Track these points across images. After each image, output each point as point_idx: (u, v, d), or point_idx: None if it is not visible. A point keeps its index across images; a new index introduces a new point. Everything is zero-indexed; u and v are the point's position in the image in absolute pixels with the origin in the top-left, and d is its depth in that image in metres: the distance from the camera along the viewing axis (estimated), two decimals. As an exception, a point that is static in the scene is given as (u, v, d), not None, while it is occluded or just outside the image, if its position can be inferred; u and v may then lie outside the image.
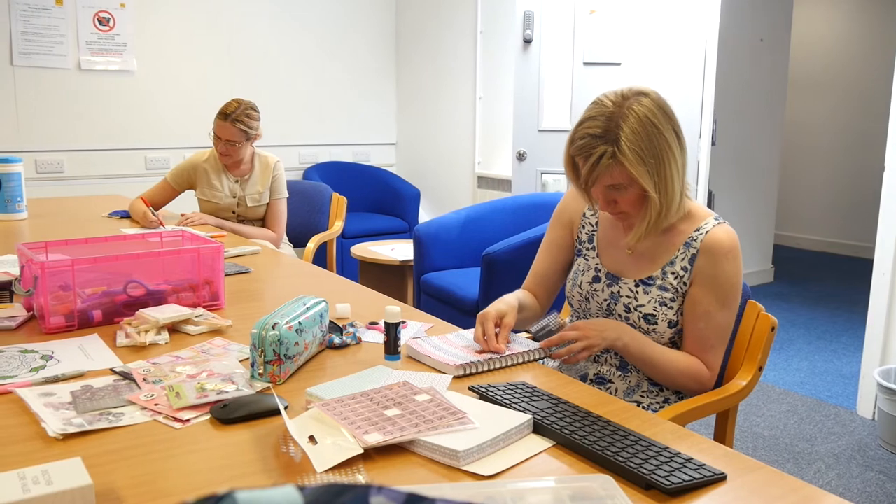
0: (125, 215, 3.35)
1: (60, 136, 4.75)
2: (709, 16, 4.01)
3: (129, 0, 4.86)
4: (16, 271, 2.04)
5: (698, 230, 1.66)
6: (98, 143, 4.87)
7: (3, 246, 2.67)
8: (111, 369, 1.45)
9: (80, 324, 1.71)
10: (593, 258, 1.81)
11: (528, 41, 4.33)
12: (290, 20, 5.47)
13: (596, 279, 1.78)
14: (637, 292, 1.70)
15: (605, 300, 1.75)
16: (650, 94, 1.60)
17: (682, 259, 1.66)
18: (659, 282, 1.68)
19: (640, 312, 1.68)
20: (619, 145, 1.54)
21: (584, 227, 1.85)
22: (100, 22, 4.79)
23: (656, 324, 1.67)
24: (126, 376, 1.41)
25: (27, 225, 3.14)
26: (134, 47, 4.91)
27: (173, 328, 1.70)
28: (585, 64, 4.25)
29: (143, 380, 1.39)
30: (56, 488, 0.92)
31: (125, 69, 4.90)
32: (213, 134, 3.27)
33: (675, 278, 1.67)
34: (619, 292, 1.73)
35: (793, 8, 5.79)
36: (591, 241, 1.83)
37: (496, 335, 1.60)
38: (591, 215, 1.85)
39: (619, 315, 1.72)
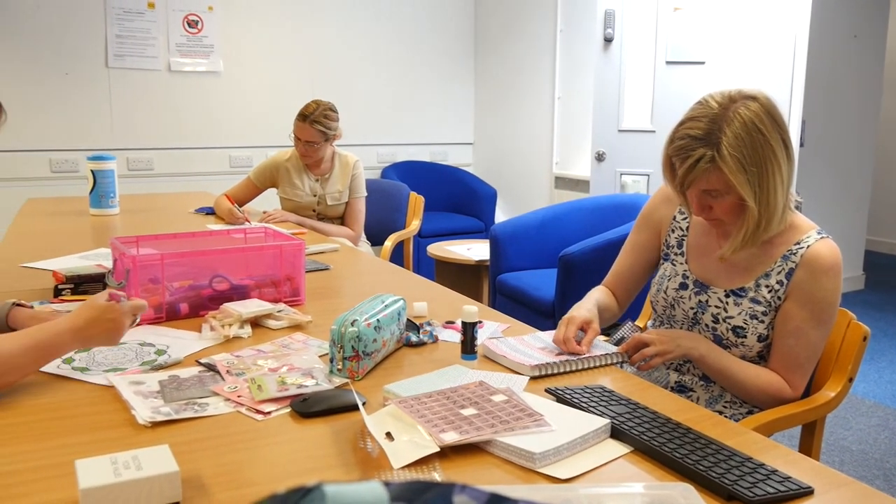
0: (210, 212, 3.46)
1: (150, 135, 4.94)
2: (799, 10, 3.88)
3: (216, 3, 5.01)
4: (109, 264, 2.13)
5: (799, 243, 1.59)
6: (185, 141, 5.04)
7: (98, 240, 2.79)
8: (197, 360, 1.49)
9: (168, 316, 1.77)
10: (681, 264, 1.76)
11: (608, 40, 4.28)
12: (371, 21, 5.54)
13: (683, 286, 1.73)
14: (727, 303, 1.64)
15: (692, 308, 1.70)
16: (759, 97, 1.52)
17: (779, 272, 1.59)
18: (751, 294, 1.62)
19: (729, 324, 1.63)
20: (720, 150, 1.47)
21: (673, 231, 1.80)
22: (189, 25, 4.95)
23: (745, 337, 1.61)
24: (211, 368, 1.45)
25: (119, 220, 3.27)
26: (220, 49, 5.06)
27: (256, 322, 1.74)
28: (668, 63, 4.17)
29: (227, 372, 1.43)
30: (145, 473, 0.95)
31: (212, 70, 5.06)
32: (293, 135, 3.34)
33: (770, 291, 1.60)
34: (707, 301, 1.67)
35: (889, 2, 5.54)
36: (679, 246, 1.78)
37: (579, 340, 1.58)
38: (682, 219, 1.79)
39: (706, 325, 1.67)
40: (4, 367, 1.26)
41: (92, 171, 3.33)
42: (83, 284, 1.99)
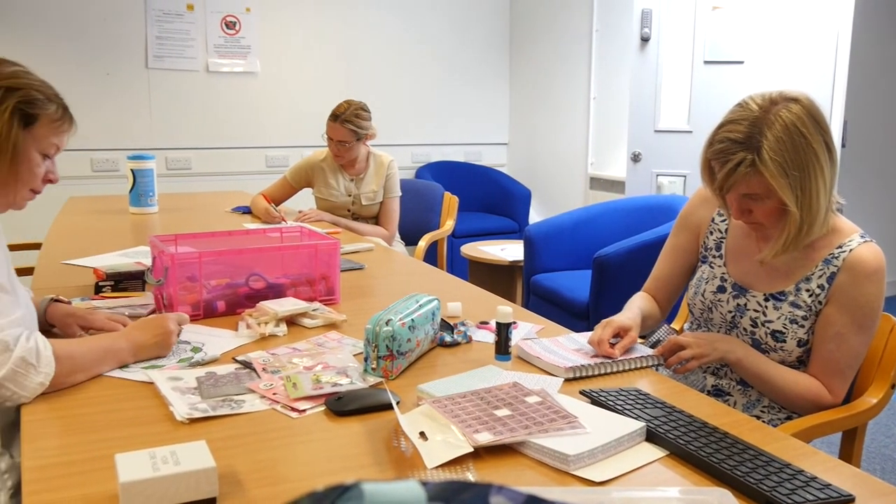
0: (247, 211, 3.49)
1: (188, 135, 5.00)
2: (842, 8, 3.80)
3: (254, 4, 5.06)
4: (148, 262, 2.16)
5: (841, 247, 1.56)
6: (222, 141, 5.10)
7: (137, 238, 2.83)
8: (233, 358, 1.51)
9: (205, 313, 1.80)
10: (719, 266, 1.73)
11: (645, 39, 4.24)
12: (407, 22, 5.55)
13: (721, 289, 1.71)
14: (766, 307, 1.61)
15: (730, 312, 1.68)
16: (801, 100, 1.49)
17: (820, 276, 1.56)
18: (791, 298, 1.59)
19: (768, 328, 1.60)
20: (761, 153, 1.44)
21: (711, 233, 1.78)
22: (227, 26, 5.01)
23: (784, 341, 1.59)
24: (247, 365, 1.47)
25: (158, 218, 3.32)
26: (257, 50, 5.11)
27: (291, 321, 1.76)
28: (706, 62, 4.12)
29: (263, 369, 1.44)
30: (183, 468, 0.97)
31: (249, 71, 5.11)
32: (325, 135, 3.36)
33: (810, 296, 1.57)
34: (745, 305, 1.65)
35: (935, 1, 5.41)
36: (718, 248, 1.75)
37: (614, 344, 1.57)
38: (721, 221, 1.76)
39: (744, 329, 1.65)
40: (75, 367, 1.35)
41: (132, 170, 3.39)
42: (123, 282, 2.02)
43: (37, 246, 2.75)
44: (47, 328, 1.59)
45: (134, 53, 4.80)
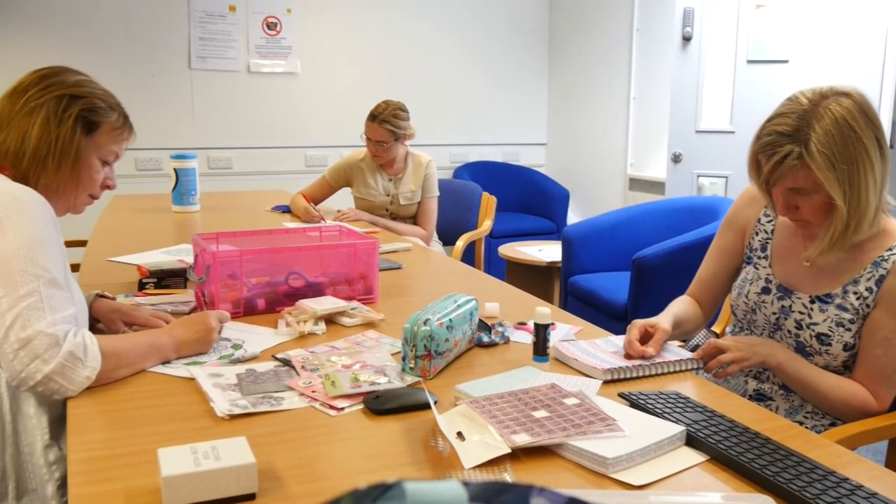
0: (286, 210, 3.53)
1: (230, 135, 5.07)
2: (891, 3, 3.71)
3: (294, 5, 5.11)
4: (190, 259, 2.19)
5: (891, 249, 1.52)
6: (263, 141, 5.16)
7: (179, 236, 2.88)
8: (273, 356, 1.53)
9: (245, 311, 1.82)
10: (764, 267, 1.70)
11: (687, 38, 4.19)
12: (445, 21, 5.56)
13: (765, 290, 1.68)
14: (812, 309, 1.58)
15: (774, 314, 1.65)
16: (853, 94, 1.46)
17: (868, 279, 1.53)
18: (838, 300, 1.55)
19: (813, 331, 1.57)
20: (808, 146, 1.42)
21: (757, 233, 1.75)
22: (268, 27, 5.07)
23: (830, 345, 1.56)
24: (286, 363, 1.48)
25: (199, 217, 3.37)
26: (298, 50, 5.16)
27: (330, 319, 1.77)
28: (749, 62, 4.06)
29: (302, 367, 1.45)
30: (223, 464, 0.98)
31: (289, 71, 5.16)
32: (364, 135, 3.38)
33: (858, 298, 1.54)
34: (790, 307, 1.62)
35: None
36: (763, 249, 1.72)
37: (645, 343, 1.55)
38: (767, 222, 1.73)
39: (789, 331, 1.62)
40: (121, 362, 1.38)
41: (175, 169, 3.44)
42: (166, 279, 2.06)
43: (83, 243, 2.81)
44: (92, 323, 1.62)
45: (177, 55, 4.88)
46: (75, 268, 2.40)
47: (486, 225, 3.99)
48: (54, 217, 1.40)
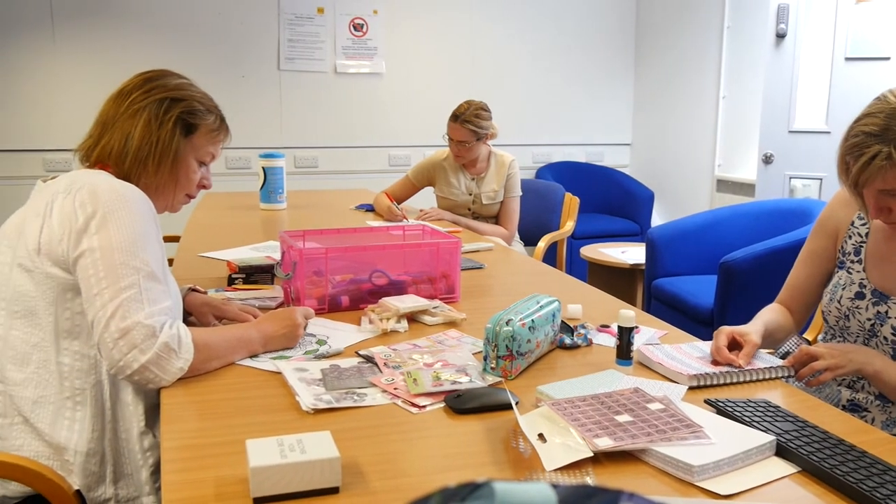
0: (369, 209, 3.58)
1: (316, 134, 5.18)
2: None
3: (381, 7, 5.18)
4: (278, 256, 2.25)
5: None
6: (347, 140, 5.24)
7: (267, 233, 2.96)
8: (356, 352, 1.55)
9: (329, 307, 1.85)
10: (858, 272, 1.64)
11: (781, 36, 4.05)
12: (530, 20, 5.53)
13: (859, 295, 1.61)
14: None
15: (869, 320, 1.58)
16: None
17: None
18: None
19: None
20: None
21: (850, 237, 1.68)
22: (355, 28, 5.15)
23: None
24: (369, 359, 1.51)
25: (286, 215, 3.45)
26: (383, 51, 5.23)
27: (412, 317, 1.79)
28: (847, 59, 3.89)
29: (384, 364, 1.47)
30: (309, 457, 1.00)
31: (375, 72, 5.23)
32: (446, 135, 3.39)
33: None
34: (886, 312, 1.55)
35: None
36: (857, 253, 1.66)
37: (734, 351, 1.50)
38: (861, 225, 1.67)
39: (885, 338, 1.55)
40: (212, 354, 1.42)
41: (263, 168, 3.54)
42: (254, 275, 2.12)
43: (176, 239, 2.91)
44: (185, 316, 1.68)
45: (267, 57, 5.01)
46: (169, 262, 2.49)
47: (568, 226, 3.95)
48: (155, 213, 1.46)
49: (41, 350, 1.38)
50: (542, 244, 3.70)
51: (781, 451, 1.13)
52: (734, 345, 1.53)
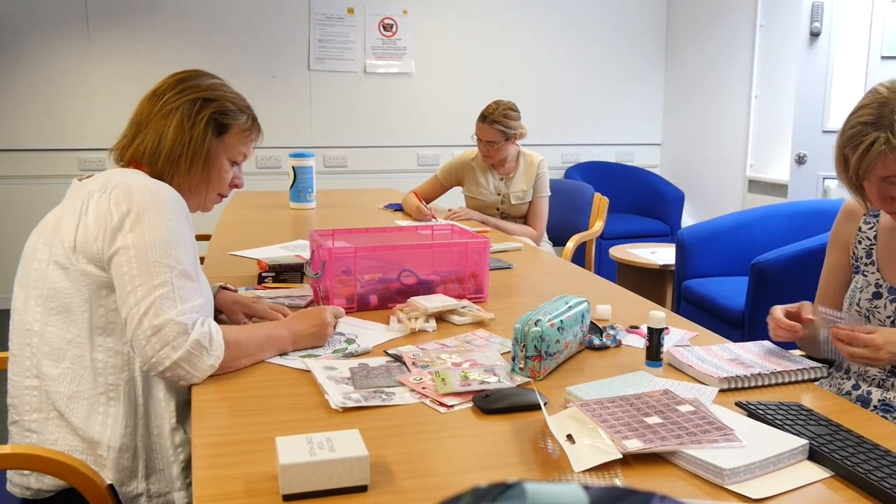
0: (398, 208, 3.59)
1: (345, 134, 5.21)
2: None
3: (411, 7, 5.19)
4: (307, 255, 2.26)
5: None
6: (376, 140, 5.26)
7: (296, 232, 2.98)
8: (385, 351, 1.56)
9: (358, 306, 1.86)
10: (872, 273, 1.64)
11: (815, 34, 4.00)
12: (559, 20, 5.51)
13: (876, 295, 1.60)
14: None
15: (889, 317, 1.57)
16: None
17: None
18: None
19: None
20: (894, 130, 1.39)
21: (860, 242, 1.69)
22: (384, 28, 5.17)
23: None
24: (397, 359, 1.51)
25: (315, 214, 3.47)
26: (412, 51, 5.24)
27: (440, 317, 1.79)
28: (883, 58, 3.83)
29: (413, 363, 1.47)
30: (338, 455, 1.01)
31: (404, 72, 5.25)
32: (475, 136, 3.39)
33: None
34: None
35: None
36: (869, 255, 1.66)
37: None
38: (868, 228, 1.68)
39: (906, 333, 1.53)
40: (242, 352, 1.44)
41: (293, 167, 3.56)
42: (283, 273, 2.13)
43: (206, 237, 2.94)
44: (215, 314, 1.70)
45: (297, 56, 5.05)
46: (200, 261, 2.52)
47: (597, 226, 3.93)
48: (188, 212, 1.48)
49: (76, 346, 1.40)
50: (571, 244, 3.68)
51: (814, 456, 1.11)
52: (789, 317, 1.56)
